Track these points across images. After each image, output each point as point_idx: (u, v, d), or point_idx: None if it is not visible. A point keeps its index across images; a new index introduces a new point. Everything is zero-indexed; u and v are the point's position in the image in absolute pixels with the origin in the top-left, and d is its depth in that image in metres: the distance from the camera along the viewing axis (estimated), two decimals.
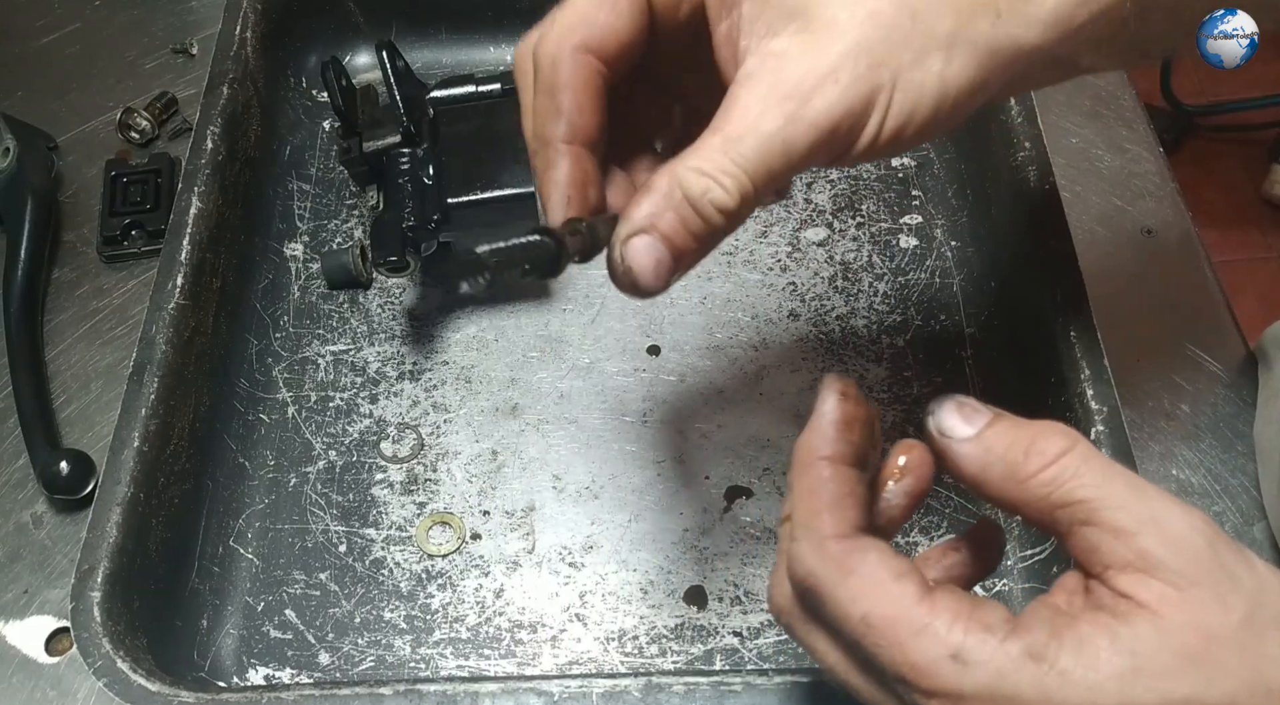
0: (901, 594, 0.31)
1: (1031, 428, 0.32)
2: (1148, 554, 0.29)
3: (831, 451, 0.34)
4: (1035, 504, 0.31)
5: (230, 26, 0.72)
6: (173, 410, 0.58)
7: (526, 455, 0.63)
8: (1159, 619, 0.29)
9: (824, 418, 0.35)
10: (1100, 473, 0.31)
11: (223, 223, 0.65)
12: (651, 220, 0.36)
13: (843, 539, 0.33)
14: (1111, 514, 0.30)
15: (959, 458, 0.33)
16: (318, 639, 0.57)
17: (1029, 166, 0.65)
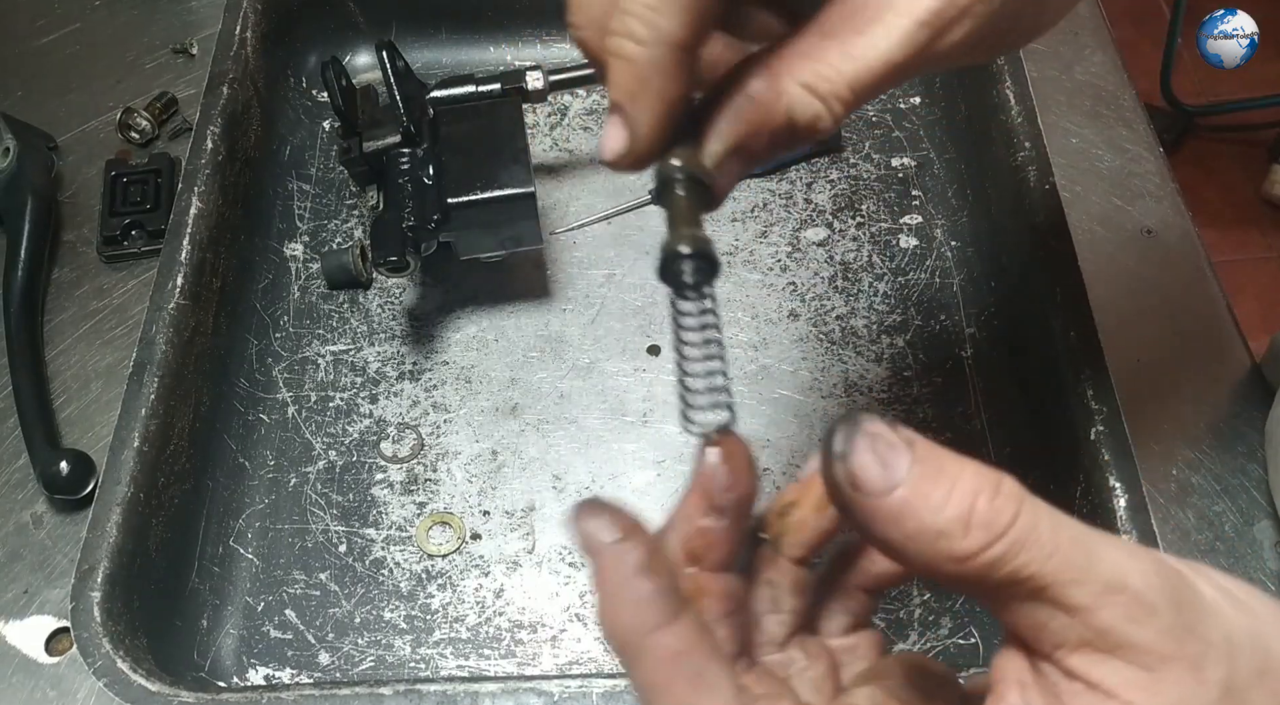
0: None
1: (964, 479, 0.25)
2: (1107, 632, 0.25)
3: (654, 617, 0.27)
4: (970, 584, 0.26)
5: (230, 26, 0.72)
6: (173, 410, 0.58)
7: (526, 455, 0.63)
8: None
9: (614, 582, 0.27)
10: (1048, 539, 0.25)
11: (223, 223, 0.65)
12: (745, 141, 0.30)
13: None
14: (1062, 590, 0.25)
15: (872, 519, 0.26)
16: (318, 639, 0.57)
17: (1029, 166, 0.65)
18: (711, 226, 0.72)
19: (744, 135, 0.30)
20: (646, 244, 0.72)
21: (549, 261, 0.71)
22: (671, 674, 0.27)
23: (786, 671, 0.31)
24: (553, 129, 0.78)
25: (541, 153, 0.76)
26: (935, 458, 0.26)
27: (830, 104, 0.30)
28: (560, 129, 0.78)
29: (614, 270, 0.70)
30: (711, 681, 0.27)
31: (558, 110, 0.78)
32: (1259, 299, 1.62)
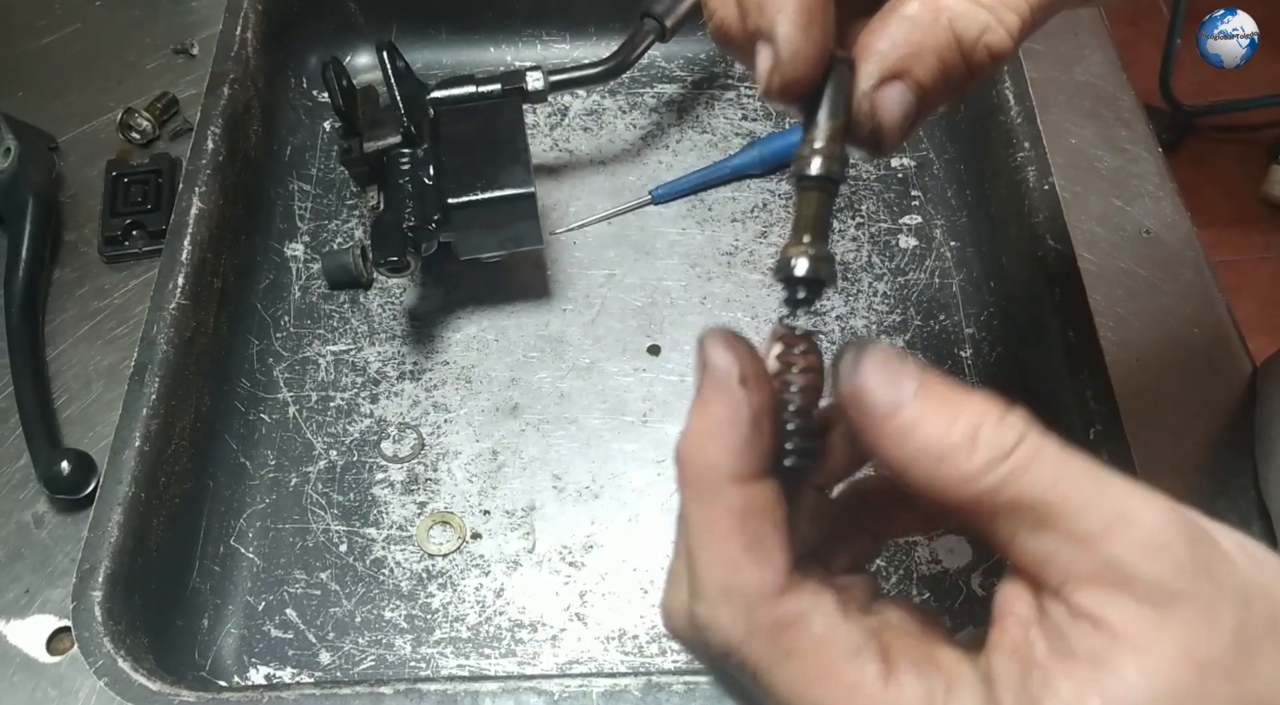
0: (859, 679, 0.24)
1: (971, 405, 0.25)
2: (1118, 564, 0.24)
3: (741, 467, 0.26)
4: (973, 507, 0.25)
5: (231, 26, 0.72)
6: (173, 410, 0.58)
7: (526, 455, 0.63)
8: (1142, 654, 0.23)
9: (719, 417, 0.26)
10: (1056, 464, 0.25)
11: (223, 223, 0.65)
12: (906, 63, 0.28)
13: (776, 600, 0.25)
14: (1072, 516, 0.24)
15: (879, 437, 0.25)
16: (318, 638, 0.58)
17: (1029, 166, 0.65)
18: (712, 227, 0.72)
19: (904, 58, 0.27)
20: (646, 244, 0.72)
21: (549, 261, 0.71)
22: (732, 529, 0.25)
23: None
24: (553, 129, 0.78)
25: (541, 153, 0.76)
26: (942, 384, 0.25)
27: (1000, 14, 0.27)
28: (560, 129, 0.78)
29: (614, 270, 0.70)
30: (768, 550, 0.25)
31: (558, 110, 0.78)
32: (1259, 299, 1.62)
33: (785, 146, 0.73)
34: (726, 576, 0.25)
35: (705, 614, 0.25)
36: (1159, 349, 0.60)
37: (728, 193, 0.74)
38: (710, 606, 0.25)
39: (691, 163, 0.75)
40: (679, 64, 0.80)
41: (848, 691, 0.24)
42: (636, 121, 0.78)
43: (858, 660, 0.25)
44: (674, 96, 0.79)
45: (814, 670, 0.25)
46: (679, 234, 0.72)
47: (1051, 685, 0.24)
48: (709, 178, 0.74)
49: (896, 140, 0.28)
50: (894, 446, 0.25)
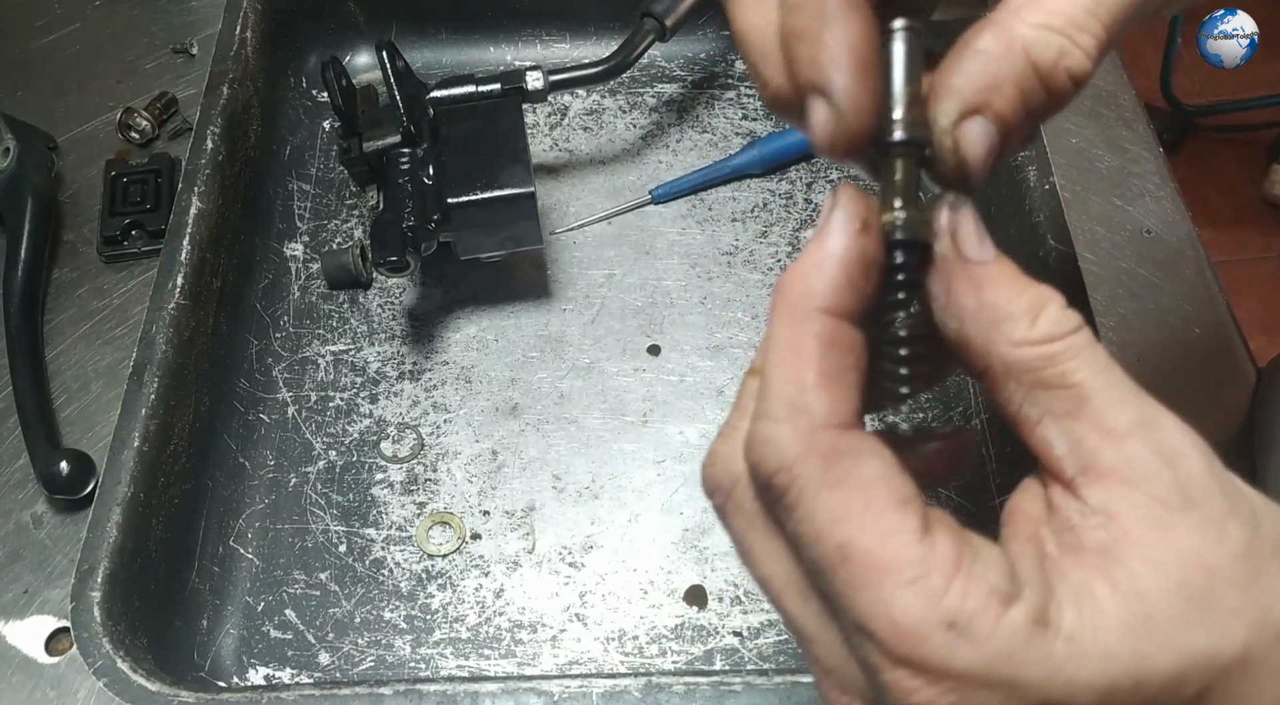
0: (898, 527, 0.24)
1: (1040, 287, 0.26)
2: (1138, 461, 0.24)
3: (837, 303, 0.26)
4: (1018, 373, 0.26)
5: (230, 26, 0.72)
6: (173, 410, 0.58)
7: (526, 455, 0.63)
8: (1152, 549, 0.24)
9: (831, 251, 0.26)
10: (1103, 362, 0.25)
11: (223, 223, 0.65)
12: (985, 96, 0.27)
13: (839, 431, 0.25)
14: (1103, 408, 0.25)
15: (958, 279, 0.26)
16: (318, 639, 0.57)
17: (1029, 166, 0.65)
18: (712, 227, 0.72)
19: (981, 91, 0.27)
20: (646, 244, 0.72)
21: (549, 261, 0.71)
22: (815, 353, 0.26)
23: None
24: (553, 129, 0.78)
25: (541, 153, 0.76)
26: (1016, 268, 0.27)
27: (1076, 39, 0.27)
28: (560, 129, 0.78)
29: (614, 270, 0.70)
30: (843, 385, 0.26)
31: (558, 110, 0.78)
32: (1259, 299, 1.62)
33: (785, 146, 0.73)
34: (799, 394, 0.25)
35: (766, 430, 0.26)
36: (1159, 349, 0.60)
37: (728, 193, 0.74)
38: (773, 423, 0.26)
39: (691, 163, 0.75)
40: (679, 64, 0.80)
41: (883, 534, 0.24)
42: (636, 121, 0.78)
43: (900, 510, 0.25)
44: (674, 96, 0.79)
45: (858, 505, 0.25)
46: (679, 234, 0.72)
47: (1062, 572, 0.25)
48: (709, 178, 0.74)
49: (983, 174, 0.28)
50: (968, 292, 0.26)
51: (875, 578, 0.24)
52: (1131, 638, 0.23)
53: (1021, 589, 0.24)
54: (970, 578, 0.24)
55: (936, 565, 0.24)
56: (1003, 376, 0.26)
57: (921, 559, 0.24)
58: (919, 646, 0.24)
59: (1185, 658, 0.23)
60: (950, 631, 0.23)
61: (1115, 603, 0.24)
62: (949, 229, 0.27)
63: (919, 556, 0.24)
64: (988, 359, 0.26)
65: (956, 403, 0.64)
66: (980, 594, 0.24)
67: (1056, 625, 0.24)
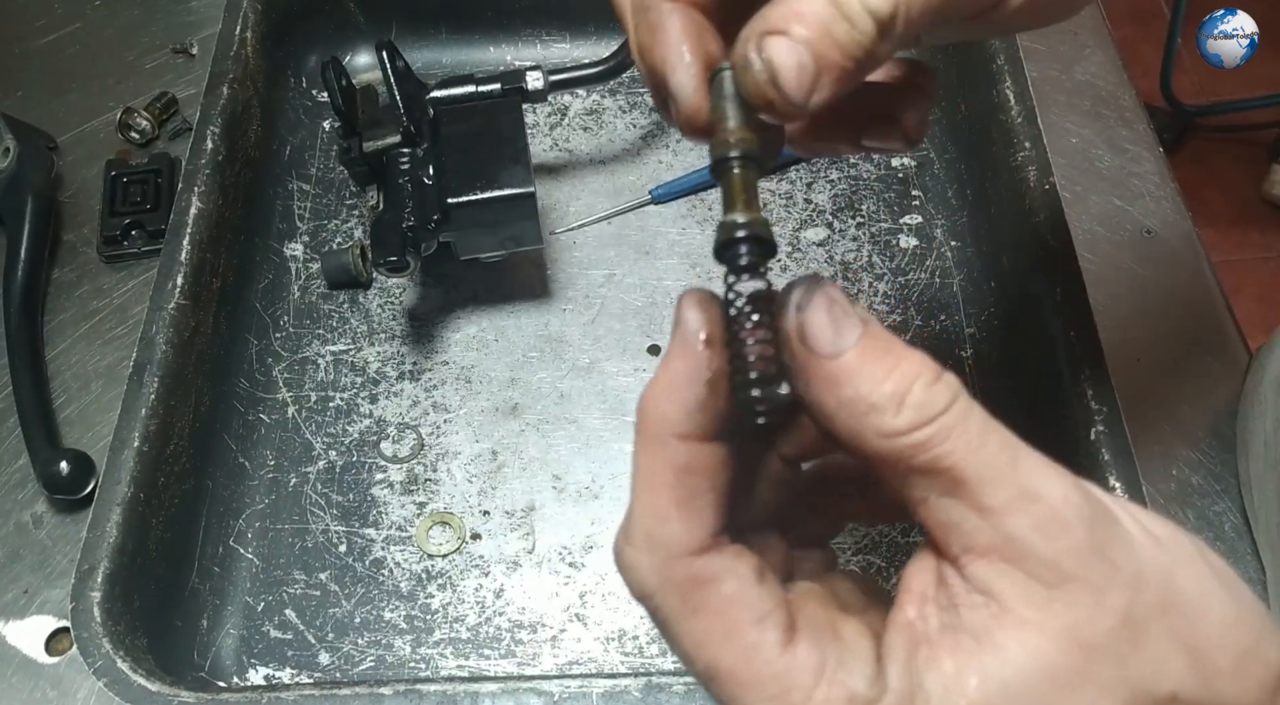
0: (756, 646, 0.25)
1: (908, 362, 0.25)
2: (1015, 539, 0.24)
3: (689, 427, 0.26)
4: (891, 463, 0.25)
5: (230, 26, 0.72)
6: (173, 410, 0.58)
7: (526, 455, 0.63)
8: (1026, 631, 0.24)
9: (678, 371, 0.26)
10: (976, 435, 0.25)
11: (223, 223, 0.65)
12: (784, 22, 0.28)
13: (693, 558, 0.26)
14: (978, 488, 0.25)
15: (813, 378, 0.26)
16: (318, 639, 0.57)
17: (1029, 166, 0.65)
18: (712, 226, 0.72)
19: (780, 19, 0.28)
20: (646, 244, 0.72)
21: (549, 261, 0.71)
22: (667, 481, 0.26)
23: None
24: (553, 129, 0.78)
25: (541, 153, 0.76)
26: (885, 337, 0.26)
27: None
28: (560, 129, 0.78)
29: (614, 270, 0.70)
30: (698, 509, 0.26)
31: (558, 110, 0.78)
32: (1259, 299, 1.62)
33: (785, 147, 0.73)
34: (652, 525, 0.26)
35: (630, 557, 0.27)
36: (1159, 349, 0.60)
37: None
38: (635, 551, 0.26)
39: (691, 162, 0.75)
40: None
41: (745, 653, 0.25)
42: (636, 121, 0.78)
43: (760, 625, 0.25)
44: None
45: (717, 629, 0.26)
46: (679, 234, 0.72)
47: (935, 661, 0.25)
48: (709, 178, 0.74)
49: (799, 91, 0.28)
50: (827, 390, 0.26)
51: (739, 695, 0.25)
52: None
53: (885, 691, 0.25)
54: (832, 685, 0.25)
55: (797, 679, 0.25)
56: (878, 466, 0.26)
57: (782, 674, 0.25)
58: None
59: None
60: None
61: (982, 696, 0.24)
62: (796, 328, 0.26)
63: (779, 671, 0.25)
64: (860, 451, 0.26)
65: None
66: (840, 697, 0.25)
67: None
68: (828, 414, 0.26)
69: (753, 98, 0.29)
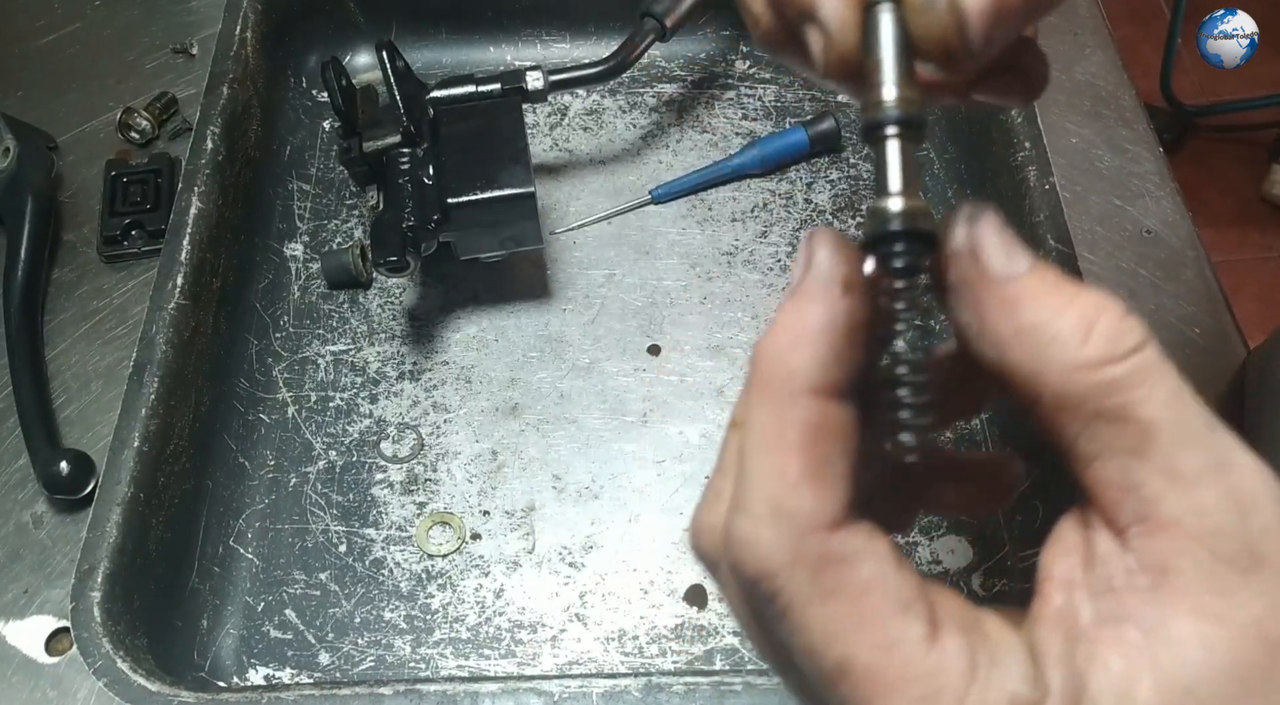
0: (900, 638, 0.22)
1: (1088, 295, 0.22)
2: (1207, 512, 0.21)
3: (823, 381, 0.23)
4: (1072, 405, 0.22)
5: (230, 26, 0.72)
6: (173, 410, 0.58)
7: (526, 455, 0.63)
8: (1207, 624, 0.21)
9: (812, 321, 0.23)
10: (1174, 387, 0.22)
11: (223, 223, 0.65)
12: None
13: (828, 533, 0.22)
14: (1172, 448, 0.21)
15: (987, 302, 0.23)
16: (318, 639, 0.57)
17: (1029, 166, 0.65)
18: (712, 227, 0.72)
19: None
20: (646, 244, 0.72)
21: (549, 261, 0.71)
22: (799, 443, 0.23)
23: None
24: (553, 129, 0.78)
25: (541, 153, 0.76)
26: (1056, 274, 0.23)
27: None
28: (560, 129, 0.78)
29: (614, 270, 0.70)
30: (832, 477, 0.23)
31: (558, 110, 0.78)
32: (1259, 299, 1.61)
33: (785, 146, 0.73)
34: (782, 493, 0.22)
35: (747, 531, 0.22)
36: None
37: (728, 193, 0.74)
38: (754, 523, 0.22)
39: (691, 163, 0.75)
40: (679, 64, 0.80)
41: (886, 647, 0.21)
42: (636, 121, 0.78)
43: (903, 616, 0.22)
44: (674, 96, 0.79)
45: (854, 616, 0.22)
46: (679, 234, 0.72)
47: (1099, 659, 0.22)
48: (709, 178, 0.74)
49: (983, 31, 0.24)
50: (1002, 316, 0.23)
51: (877, 697, 0.21)
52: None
53: (1046, 694, 0.21)
54: (988, 688, 0.21)
55: (948, 679, 0.21)
56: (1055, 408, 0.23)
57: (930, 673, 0.21)
58: None
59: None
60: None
61: (1160, 699, 0.21)
62: (968, 245, 0.23)
63: (927, 670, 0.21)
64: (1036, 390, 0.23)
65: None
66: (999, 699, 0.21)
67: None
68: (1002, 345, 0.23)
69: (926, 43, 0.25)
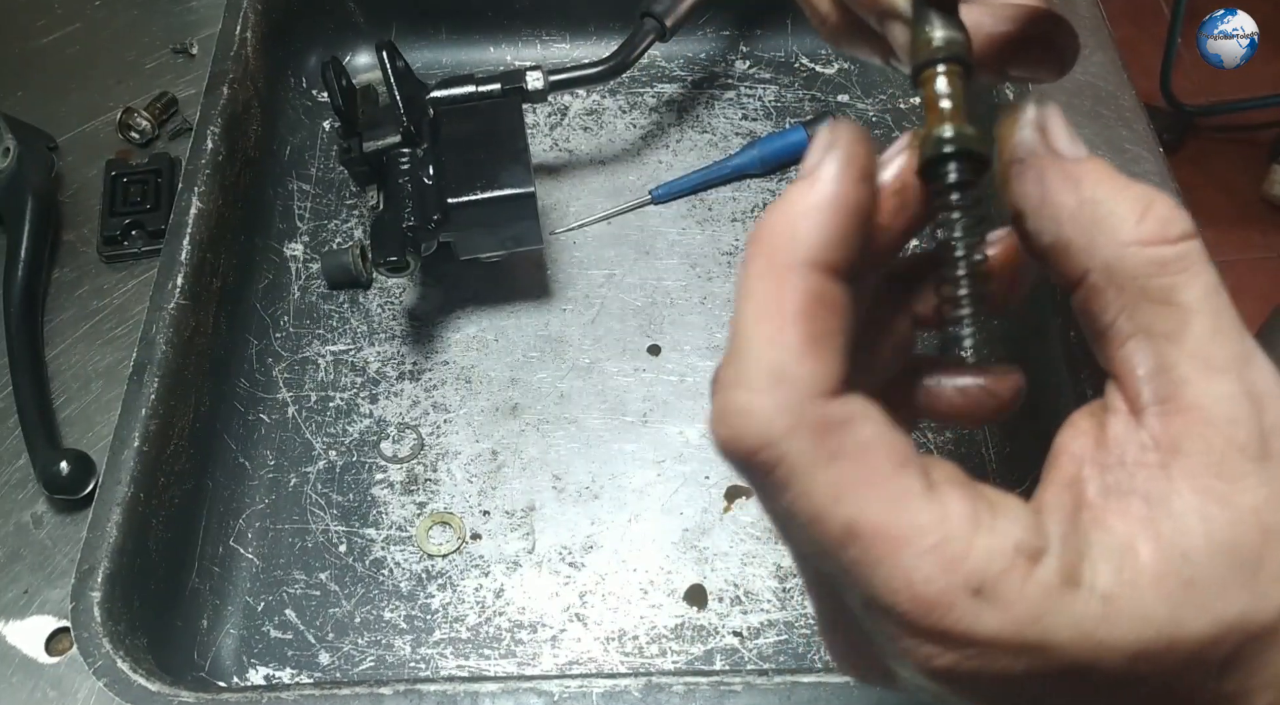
0: (904, 493, 0.22)
1: (1146, 188, 0.24)
2: (1226, 401, 0.22)
3: (827, 256, 0.23)
4: (1121, 279, 0.23)
5: (230, 26, 0.72)
6: (173, 410, 0.58)
7: (526, 455, 0.63)
8: (1210, 503, 0.22)
9: (825, 195, 0.24)
10: (1214, 283, 0.23)
11: (223, 223, 0.65)
12: None
13: (827, 398, 0.23)
14: (1205, 336, 0.23)
15: (1052, 175, 0.25)
16: (318, 639, 0.57)
17: None
18: (712, 227, 0.72)
19: None
20: (646, 244, 0.72)
21: (549, 261, 0.71)
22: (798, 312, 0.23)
23: None
24: (553, 129, 0.78)
25: (541, 153, 0.76)
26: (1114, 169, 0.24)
27: None
28: (560, 129, 0.78)
29: (614, 270, 0.70)
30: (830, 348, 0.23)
31: (558, 110, 0.78)
32: (1259, 299, 1.61)
33: (785, 146, 0.73)
34: (780, 361, 0.22)
35: (746, 401, 0.23)
36: None
37: (728, 193, 0.74)
38: (752, 393, 0.23)
39: (691, 163, 0.75)
40: (679, 64, 0.80)
41: (890, 501, 0.22)
42: (636, 121, 0.78)
43: (904, 471, 0.23)
44: (674, 96, 0.79)
45: (857, 476, 0.22)
46: (679, 234, 0.72)
47: (1102, 522, 0.23)
48: (709, 178, 0.74)
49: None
50: (1066, 189, 0.24)
51: (890, 550, 0.22)
52: (1169, 601, 0.22)
53: (1048, 543, 0.22)
54: (993, 534, 0.22)
55: (952, 527, 0.22)
56: (1103, 283, 0.24)
57: (936, 522, 0.22)
58: (945, 617, 0.22)
59: (1221, 623, 0.22)
60: (976, 598, 0.22)
61: (1157, 562, 0.22)
62: (1038, 123, 0.25)
63: (933, 519, 0.22)
64: (1089, 262, 0.24)
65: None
66: (1005, 553, 0.22)
67: (1090, 583, 0.22)
68: (1061, 218, 0.24)
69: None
